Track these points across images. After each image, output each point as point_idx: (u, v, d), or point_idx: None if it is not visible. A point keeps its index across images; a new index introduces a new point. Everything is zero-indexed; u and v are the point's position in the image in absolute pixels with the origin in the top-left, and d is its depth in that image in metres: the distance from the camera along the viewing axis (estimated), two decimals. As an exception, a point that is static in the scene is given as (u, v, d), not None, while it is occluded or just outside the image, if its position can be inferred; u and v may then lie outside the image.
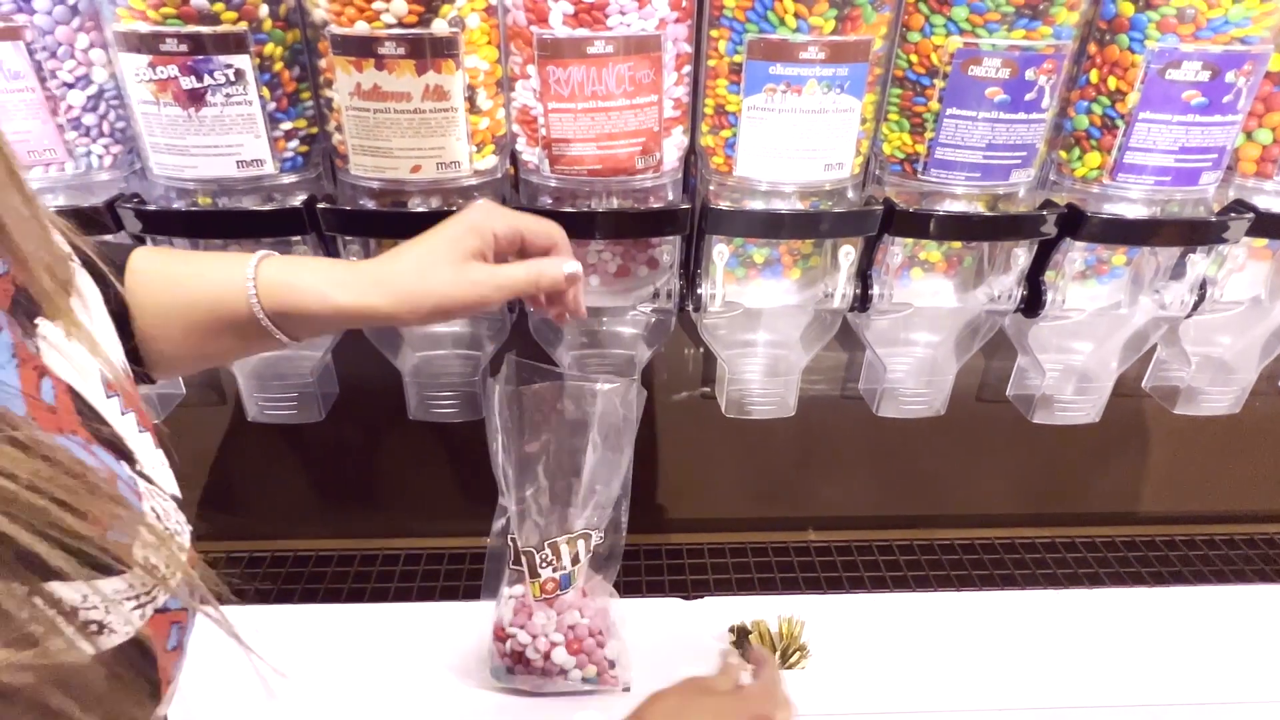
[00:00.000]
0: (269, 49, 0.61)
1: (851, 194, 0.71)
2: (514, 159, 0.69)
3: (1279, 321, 0.82)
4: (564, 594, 0.65)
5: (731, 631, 0.78)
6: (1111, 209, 0.69)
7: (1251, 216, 0.69)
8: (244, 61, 0.60)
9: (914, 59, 0.65)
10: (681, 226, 0.69)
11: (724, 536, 1.01)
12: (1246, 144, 0.70)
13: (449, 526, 0.98)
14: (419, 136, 0.63)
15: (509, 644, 0.67)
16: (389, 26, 0.59)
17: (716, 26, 0.63)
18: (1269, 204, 0.70)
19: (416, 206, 0.67)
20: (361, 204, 0.67)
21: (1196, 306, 0.75)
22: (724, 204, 0.68)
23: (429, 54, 0.60)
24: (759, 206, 0.69)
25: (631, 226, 0.68)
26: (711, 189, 0.69)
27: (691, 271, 0.74)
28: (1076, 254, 0.72)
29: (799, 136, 0.65)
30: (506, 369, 0.58)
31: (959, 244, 0.76)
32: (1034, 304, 0.75)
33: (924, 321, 0.81)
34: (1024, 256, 0.73)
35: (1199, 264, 0.73)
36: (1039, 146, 0.68)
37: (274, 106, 0.63)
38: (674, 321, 0.79)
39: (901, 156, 0.69)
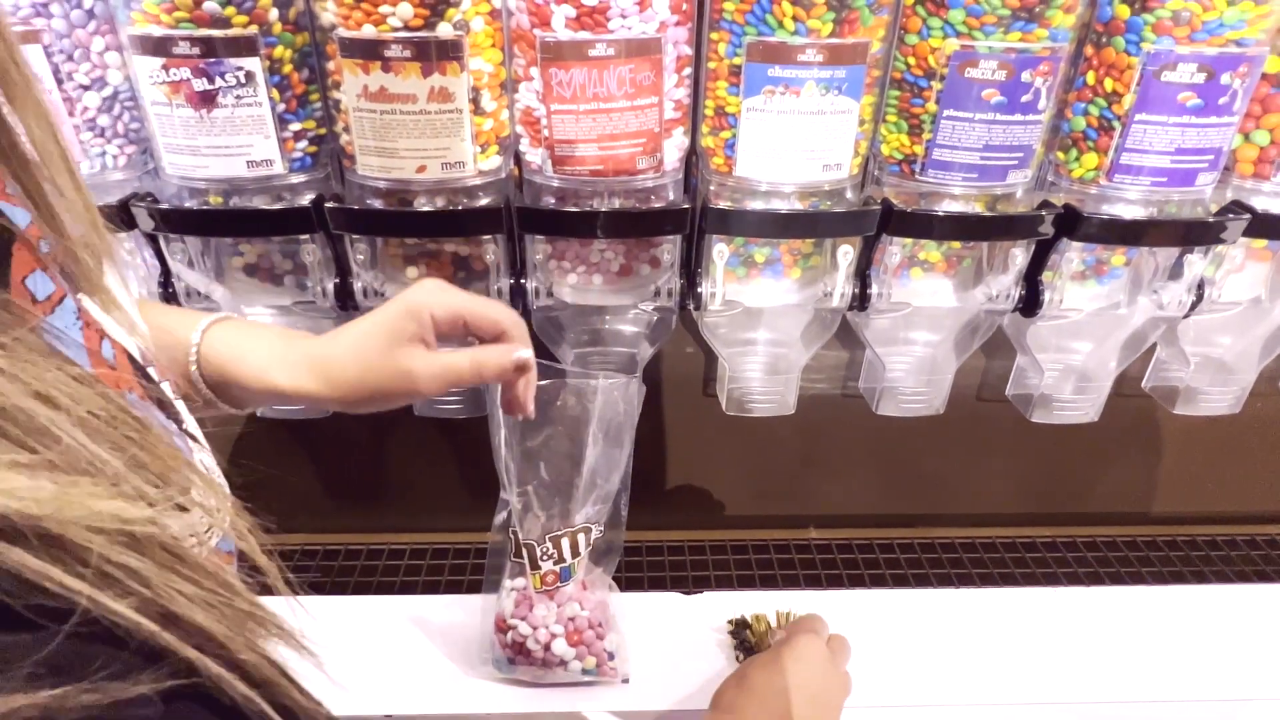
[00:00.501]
0: (278, 52, 0.63)
1: (850, 194, 0.71)
2: (518, 159, 0.70)
3: (1279, 322, 0.82)
4: (564, 586, 0.67)
5: (730, 624, 0.79)
6: (1109, 210, 0.70)
7: (1249, 217, 0.69)
8: (254, 64, 0.62)
9: (911, 61, 0.66)
10: (682, 226, 0.70)
11: (725, 533, 1.02)
12: (1244, 145, 0.71)
13: (454, 522, 0.99)
14: (424, 137, 0.64)
15: (510, 635, 0.68)
16: (395, 30, 0.60)
17: (716, 29, 0.64)
18: (1267, 205, 0.71)
19: (422, 206, 0.68)
20: (369, 203, 0.68)
21: (1194, 307, 0.76)
22: (724, 204, 0.69)
23: (434, 56, 0.61)
24: (759, 206, 0.70)
25: (633, 226, 0.70)
26: (712, 189, 0.71)
27: (692, 270, 0.75)
28: (1074, 254, 0.73)
29: (798, 137, 0.66)
30: None
31: (958, 244, 0.77)
32: (1032, 304, 0.76)
33: (923, 321, 0.82)
34: (1021, 256, 0.74)
35: (1196, 264, 0.73)
36: (1036, 148, 0.68)
37: (283, 108, 0.65)
38: (675, 320, 0.80)
39: (900, 157, 0.70)
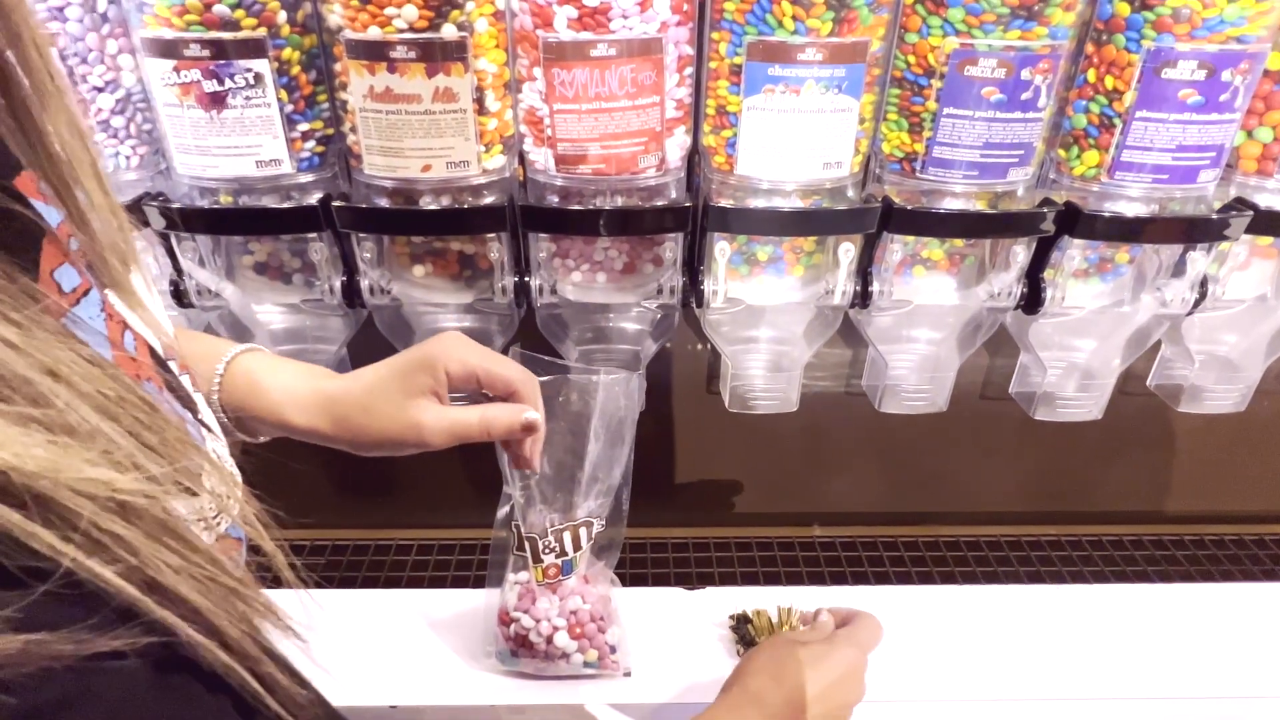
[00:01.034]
0: (287, 53, 0.64)
1: (851, 192, 0.72)
2: (522, 159, 0.71)
3: (1284, 320, 0.82)
4: (566, 580, 0.67)
5: (731, 619, 0.80)
6: (1111, 207, 0.70)
7: (1251, 214, 0.69)
8: (263, 66, 0.63)
9: (911, 59, 0.66)
10: (684, 224, 0.70)
11: (728, 531, 1.03)
12: (1247, 142, 0.71)
13: (459, 518, 1.00)
14: (429, 137, 0.65)
15: (513, 628, 0.69)
16: (400, 31, 0.61)
17: (717, 29, 0.65)
18: (1270, 202, 0.71)
19: (427, 205, 0.69)
20: (375, 202, 0.70)
21: (1197, 304, 0.76)
22: (726, 202, 0.70)
23: (439, 57, 0.62)
24: (760, 204, 0.70)
25: (636, 224, 0.70)
26: (714, 187, 0.71)
27: (695, 268, 0.75)
28: (1076, 251, 0.73)
29: (798, 136, 0.67)
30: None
31: (961, 242, 0.77)
32: (1033, 301, 0.76)
33: (925, 318, 0.82)
34: (1023, 254, 0.74)
35: (1199, 262, 0.73)
36: (1036, 145, 0.69)
37: (291, 108, 0.66)
38: (678, 317, 0.81)
39: (900, 155, 0.71)
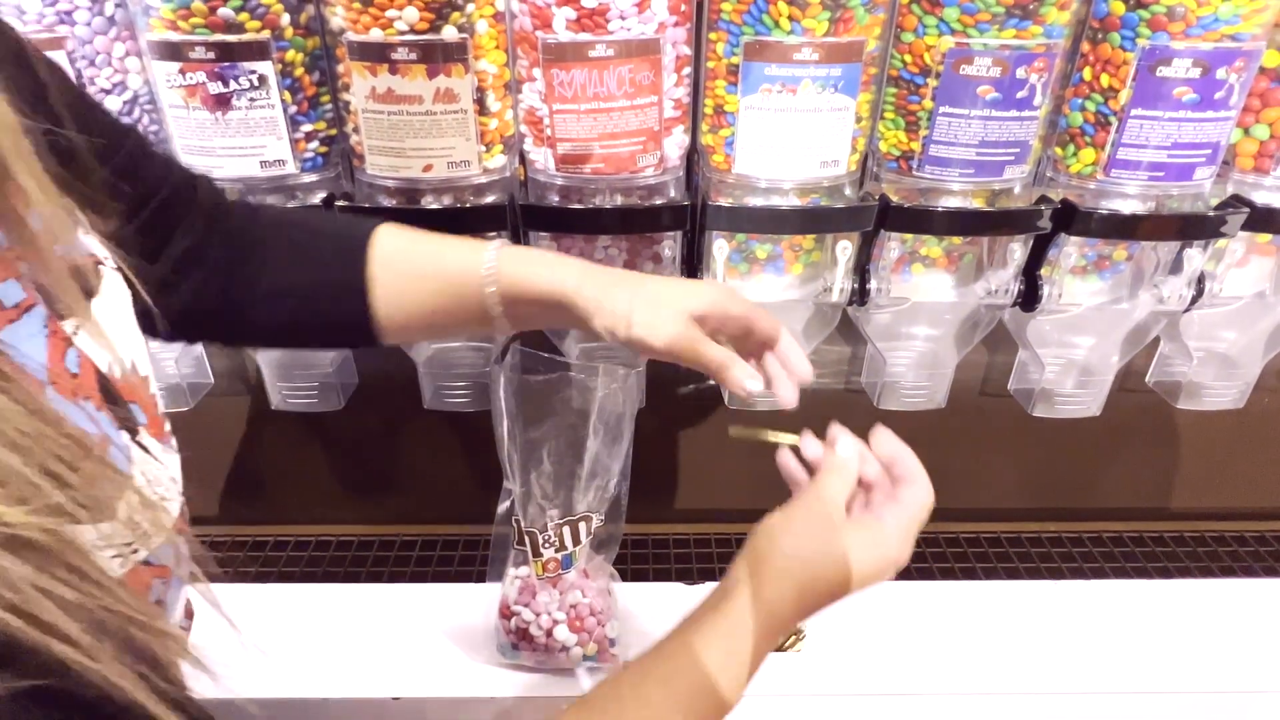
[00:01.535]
0: (290, 55, 0.65)
1: (849, 190, 0.72)
2: (522, 158, 0.72)
3: (1283, 317, 0.82)
4: (566, 574, 0.68)
5: (730, 614, 0.81)
6: (1107, 204, 0.70)
7: (1247, 211, 0.70)
8: (267, 67, 0.64)
9: (908, 59, 0.67)
10: (682, 222, 0.71)
11: (729, 527, 1.04)
12: (1244, 139, 0.71)
13: (462, 513, 1.01)
14: (431, 137, 0.66)
15: (513, 621, 0.70)
16: (402, 33, 0.62)
17: (714, 29, 0.66)
18: (1267, 199, 0.71)
19: (429, 204, 0.70)
20: (378, 201, 0.70)
21: (1194, 301, 0.76)
22: (724, 201, 0.71)
23: (440, 59, 0.63)
24: (758, 203, 0.71)
25: (635, 223, 0.71)
26: (712, 186, 0.72)
27: (694, 266, 0.76)
28: (1072, 249, 0.74)
29: (795, 135, 0.68)
30: (511, 357, 0.61)
31: (958, 239, 0.77)
32: (1031, 298, 0.76)
33: (923, 316, 0.83)
34: (1020, 251, 0.74)
35: (1195, 259, 0.73)
36: (1032, 143, 0.69)
37: (295, 110, 0.67)
38: (677, 315, 0.81)
39: (898, 153, 0.71)
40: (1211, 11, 0.62)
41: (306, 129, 0.68)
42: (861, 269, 0.76)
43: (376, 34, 0.62)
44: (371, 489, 1.06)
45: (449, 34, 0.63)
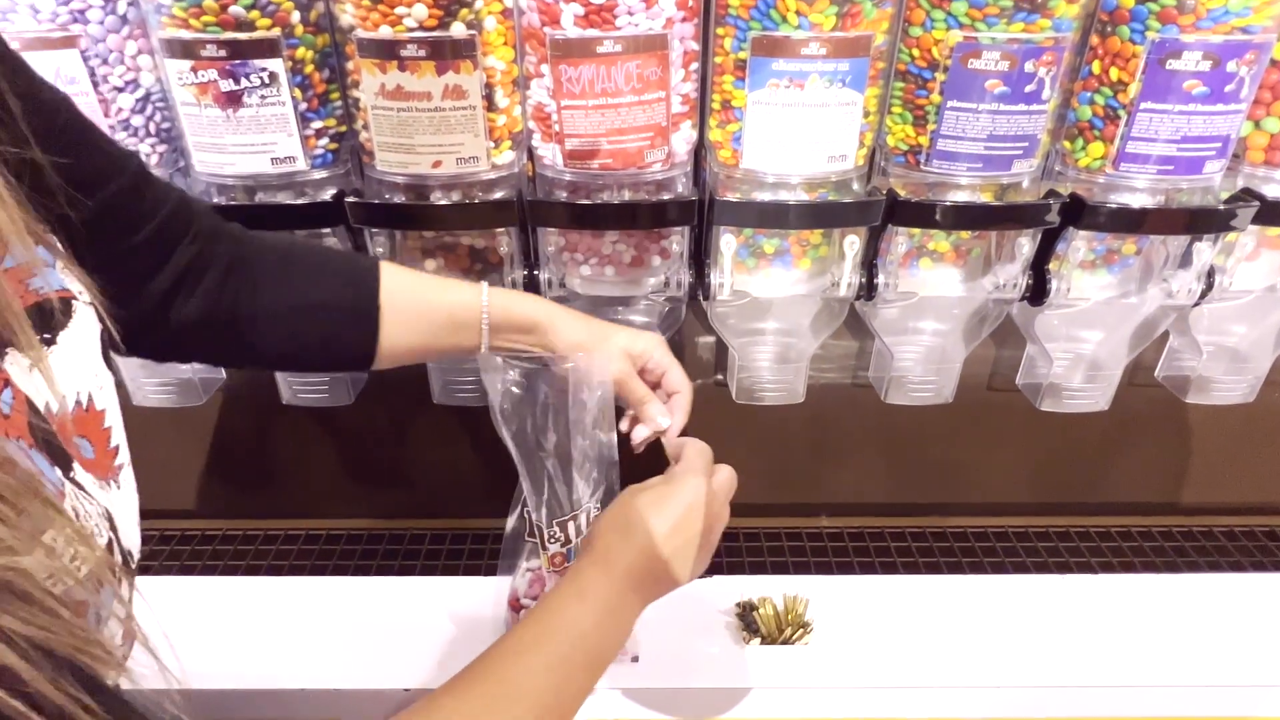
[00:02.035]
0: (300, 53, 0.65)
1: (857, 185, 0.73)
2: (530, 154, 0.72)
3: (1294, 311, 0.81)
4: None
5: (737, 607, 0.81)
6: (1116, 198, 0.70)
7: (1257, 204, 0.69)
8: (277, 65, 0.65)
9: (915, 53, 0.67)
10: (690, 217, 0.71)
11: (736, 521, 1.02)
12: (1255, 132, 0.71)
13: (470, 507, 1.02)
14: (440, 134, 0.67)
15: (523, 614, 0.70)
16: (411, 30, 0.62)
17: (722, 24, 0.66)
18: (1278, 192, 0.71)
19: (438, 200, 0.71)
20: (387, 198, 0.71)
21: (1204, 295, 0.76)
22: (731, 196, 0.71)
23: (448, 55, 0.63)
24: (766, 198, 0.71)
25: (643, 218, 0.71)
26: (719, 181, 0.72)
27: (701, 261, 0.76)
28: (1081, 243, 0.73)
29: (803, 130, 0.68)
30: (489, 363, 0.63)
31: (966, 234, 0.77)
32: (1039, 293, 0.76)
33: (931, 310, 0.83)
34: (1028, 245, 0.74)
35: (1205, 252, 0.73)
36: (1040, 137, 0.69)
37: (305, 107, 0.68)
38: (684, 310, 0.82)
39: (905, 148, 0.71)
40: (1222, 4, 0.61)
41: (316, 126, 0.69)
42: (869, 263, 0.76)
43: (386, 31, 0.62)
44: (380, 483, 1.07)
45: (457, 30, 0.63)
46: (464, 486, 1.03)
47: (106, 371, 0.45)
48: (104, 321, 0.45)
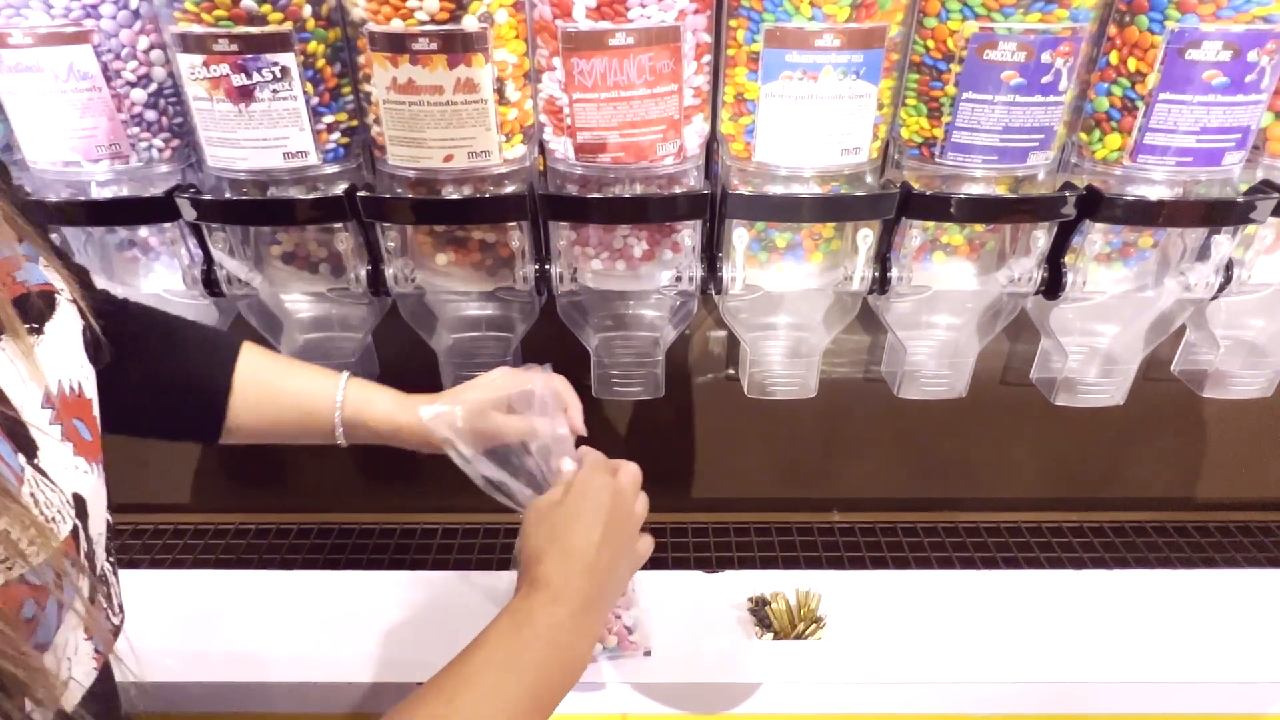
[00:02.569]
0: (312, 47, 0.65)
1: (870, 178, 0.72)
2: (542, 148, 0.72)
3: (1313, 304, 0.80)
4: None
5: (750, 601, 0.81)
6: (1133, 191, 0.70)
7: (1277, 196, 0.68)
8: (289, 59, 0.64)
9: (930, 44, 0.66)
10: (702, 211, 0.71)
11: (748, 516, 1.04)
12: (1275, 123, 0.70)
13: (482, 503, 1.02)
14: (451, 127, 0.66)
15: None
16: (422, 23, 0.62)
17: (735, 16, 0.65)
18: (1298, 184, 0.70)
19: (450, 194, 0.70)
20: (398, 192, 0.71)
21: (1222, 288, 0.75)
22: (744, 189, 0.70)
23: (460, 49, 0.63)
24: (778, 191, 0.70)
25: (654, 212, 0.71)
26: (732, 175, 0.72)
27: (713, 255, 0.76)
28: (1097, 236, 0.73)
29: (816, 122, 0.67)
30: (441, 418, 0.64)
31: (980, 227, 0.77)
32: (1054, 286, 0.76)
33: (944, 304, 0.82)
34: (1044, 239, 0.74)
35: (1224, 245, 0.72)
36: (1057, 129, 0.68)
37: (317, 101, 0.67)
38: (696, 304, 0.81)
39: (919, 140, 0.71)
40: (1243, -7, 0.61)
41: (328, 120, 0.69)
42: (882, 257, 0.75)
43: (397, 24, 0.62)
44: (392, 478, 1.07)
45: (469, 24, 0.63)
46: (471, 481, 1.03)
47: (89, 365, 0.46)
48: (85, 318, 0.46)
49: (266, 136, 0.68)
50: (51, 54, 0.65)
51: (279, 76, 0.65)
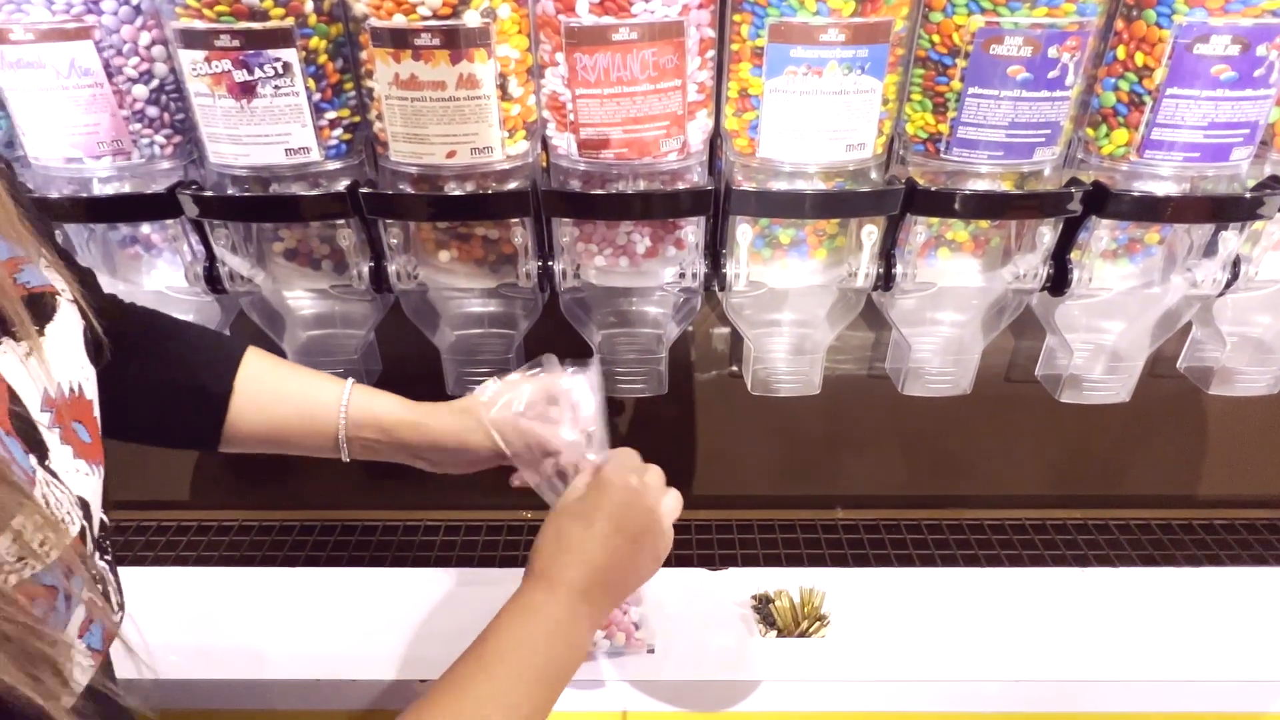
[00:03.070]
0: (314, 43, 0.65)
1: (875, 174, 0.72)
2: (545, 144, 0.71)
3: (1321, 301, 0.80)
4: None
5: (753, 599, 0.81)
6: (1140, 186, 0.69)
7: (1286, 192, 0.68)
8: (291, 55, 0.64)
9: (936, 39, 0.66)
10: (706, 207, 0.71)
11: (752, 513, 1.04)
12: (1283, 119, 0.69)
13: (485, 499, 1.02)
14: (454, 124, 0.66)
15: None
16: (424, 19, 0.62)
17: (739, 11, 0.65)
18: (1306, 180, 0.69)
19: (452, 190, 0.70)
20: (401, 188, 0.71)
21: (1229, 285, 0.75)
22: (748, 185, 0.70)
23: (462, 44, 0.63)
24: (782, 187, 0.70)
25: (658, 208, 0.71)
26: (736, 171, 0.71)
27: (717, 252, 0.76)
28: (1104, 232, 0.72)
29: (821, 118, 0.67)
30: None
31: (986, 223, 0.76)
32: (1060, 283, 0.75)
33: (949, 300, 0.82)
34: (1049, 235, 0.73)
35: (1231, 241, 0.72)
36: (1063, 124, 0.68)
37: (319, 97, 0.67)
38: (700, 301, 0.81)
39: (925, 136, 0.70)
40: (1252, -14, 0.60)
41: (330, 116, 0.69)
42: (887, 253, 0.75)
43: (400, 20, 0.62)
44: (395, 474, 1.06)
45: (471, 19, 0.62)
46: (478, 477, 1.03)
47: (89, 366, 0.46)
48: (87, 318, 0.46)
49: (268, 133, 0.67)
50: (53, 50, 0.65)
51: (281, 72, 0.65)
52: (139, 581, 0.86)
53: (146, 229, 0.77)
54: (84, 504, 0.40)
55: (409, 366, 0.89)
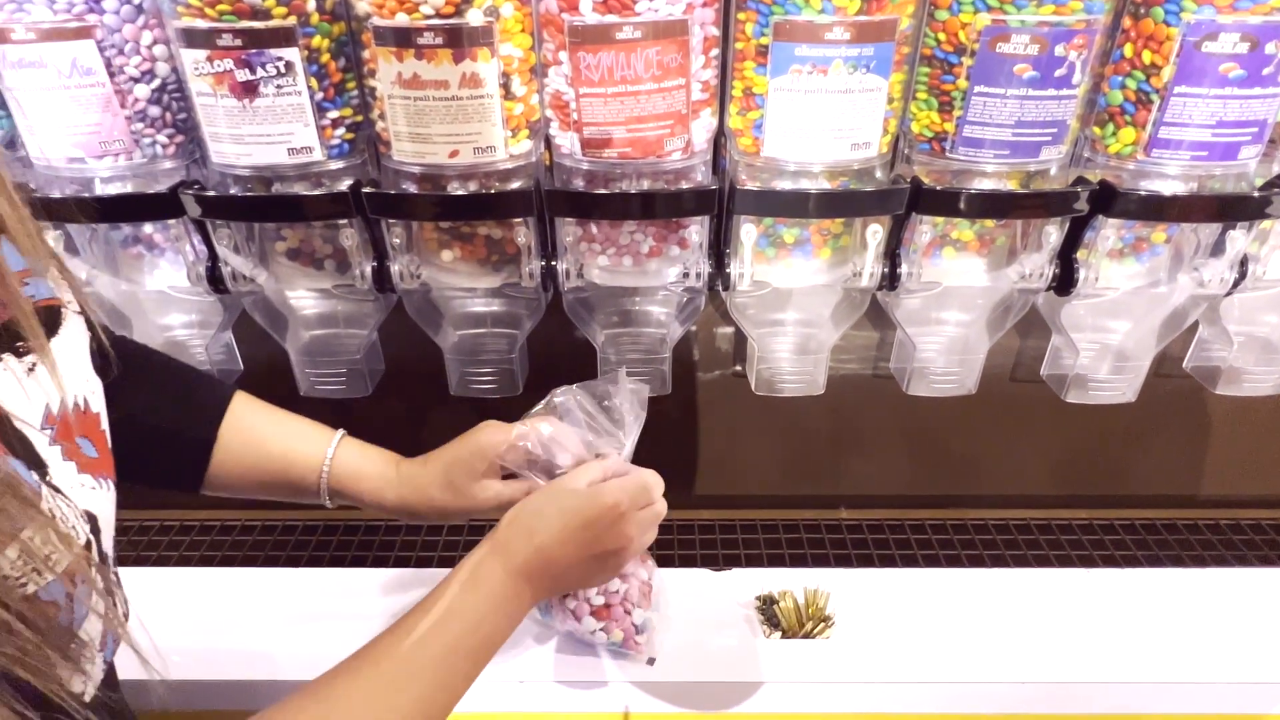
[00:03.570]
0: (316, 41, 0.65)
1: (880, 173, 0.71)
2: (548, 143, 0.71)
3: (1329, 300, 0.79)
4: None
5: (758, 600, 0.80)
6: (1147, 185, 0.69)
7: (1294, 191, 0.67)
8: (293, 54, 0.64)
9: (942, 37, 0.65)
10: (710, 207, 0.70)
11: (756, 513, 1.03)
12: (1292, 117, 0.69)
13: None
14: (457, 123, 0.66)
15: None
16: (427, 18, 0.61)
17: (743, 9, 0.64)
18: (1315, 179, 0.69)
19: (455, 190, 0.70)
20: (404, 188, 0.70)
21: (1237, 284, 0.74)
22: (752, 185, 0.70)
23: (465, 43, 0.62)
24: (787, 186, 0.70)
25: (662, 207, 0.70)
26: (740, 170, 0.71)
27: (721, 251, 0.75)
28: (1110, 231, 0.72)
29: (826, 117, 0.66)
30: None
31: (991, 222, 0.76)
32: (1066, 282, 0.75)
33: (954, 300, 0.82)
34: (1055, 234, 0.73)
35: (1239, 240, 0.71)
36: (1070, 123, 0.67)
37: (321, 96, 0.67)
38: (704, 301, 0.81)
39: (930, 135, 0.70)
40: (1261, -17, 0.59)
41: (333, 115, 0.68)
42: (892, 253, 0.74)
43: (402, 18, 0.62)
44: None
45: (474, 18, 0.62)
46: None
47: (96, 378, 0.46)
48: (93, 330, 0.46)
49: (271, 132, 0.67)
50: (54, 49, 0.64)
51: (283, 72, 0.64)
52: (140, 582, 0.86)
53: (149, 229, 0.77)
54: (90, 517, 0.40)
55: (412, 366, 0.89)
